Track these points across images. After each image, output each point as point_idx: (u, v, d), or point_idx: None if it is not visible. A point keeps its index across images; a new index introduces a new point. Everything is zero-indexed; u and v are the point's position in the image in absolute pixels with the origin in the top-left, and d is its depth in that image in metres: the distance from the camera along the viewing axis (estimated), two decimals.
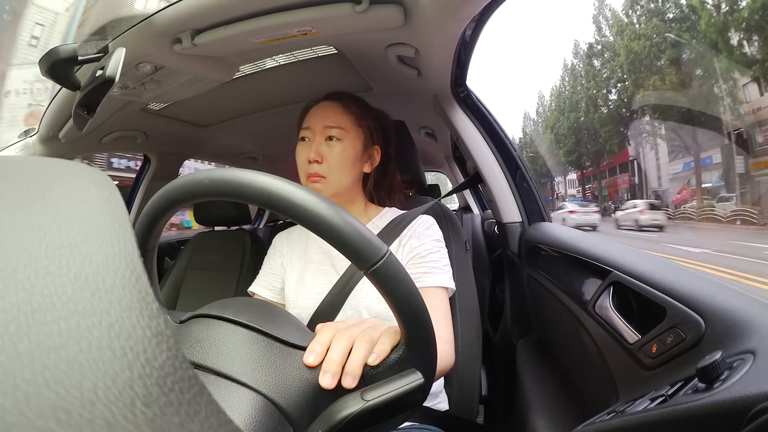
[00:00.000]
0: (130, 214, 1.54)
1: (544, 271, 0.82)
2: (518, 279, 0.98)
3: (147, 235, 0.38)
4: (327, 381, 0.35)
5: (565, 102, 28.35)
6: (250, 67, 0.97)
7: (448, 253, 0.75)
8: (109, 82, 0.62)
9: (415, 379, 0.34)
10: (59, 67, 0.66)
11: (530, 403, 0.70)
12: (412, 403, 0.35)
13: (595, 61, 25.19)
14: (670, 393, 0.35)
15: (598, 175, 26.91)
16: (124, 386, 0.11)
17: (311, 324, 0.67)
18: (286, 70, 1.00)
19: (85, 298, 0.12)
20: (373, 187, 0.81)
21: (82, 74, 0.68)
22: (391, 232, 0.73)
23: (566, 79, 29.43)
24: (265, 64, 0.96)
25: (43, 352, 0.11)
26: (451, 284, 0.71)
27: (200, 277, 1.37)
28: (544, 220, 0.98)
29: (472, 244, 1.87)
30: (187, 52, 0.74)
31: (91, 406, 0.11)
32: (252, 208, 2.14)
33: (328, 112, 0.74)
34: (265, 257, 0.82)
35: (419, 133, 1.66)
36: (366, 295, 0.67)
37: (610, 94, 23.80)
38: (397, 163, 0.84)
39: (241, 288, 1.29)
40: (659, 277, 0.47)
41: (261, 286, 0.78)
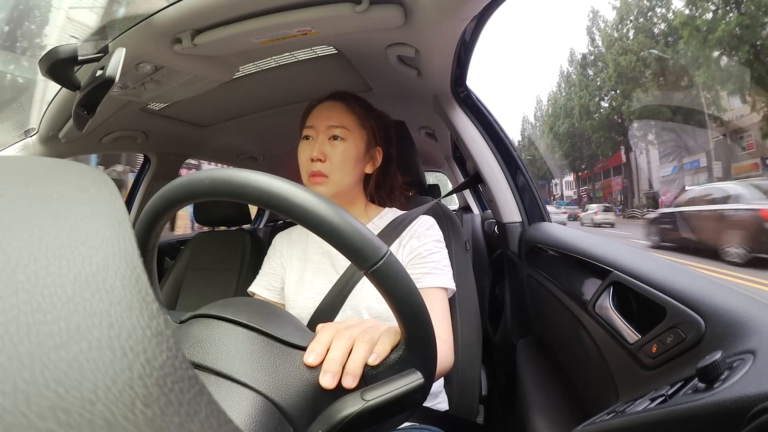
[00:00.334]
0: (130, 214, 1.54)
1: (544, 271, 0.82)
2: (518, 279, 0.98)
3: (147, 235, 0.38)
4: (327, 381, 0.35)
5: (561, 108, 29.59)
6: (250, 67, 0.97)
7: (448, 253, 0.75)
8: (109, 82, 0.62)
9: (415, 379, 0.34)
10: (59, 67, 0.66)
11: (530, 403, 0.70)
12: (412, 403, 0.35)
13: (589, 71, 26.48)
14: (670, 393, 0.34)
15: (593, 178, 28.37)
16: (124, 386, 0.11)
17: (311, 324, 0.67)
18: (286, 70, 1.00)
19: (85, 299, 0.12)
20: (374, 188, 0.81)
21: (82, 74, 0.68)
22: (392, 232, 0.73)
23: (562, 86, 30.82)
24: (265, 64, 0.96)
25: (43, 352, 0.11)
26: (452, 285, 0.71)
27: (200, 277, 1.37)
28: (544, 220, 0.98)
29: (472, 244, 1.87)
30: (187, 52, 0.74)
31: (91, 406, 0.11)
32: (252, 208, 2.14)
33: (332, 112, 0.74)
34: (265, 257, 0.82)
35: (419, 133, 1.65)
36: (366, 296, 0.67)
37: (603, 101, 25.07)
38: (397, 164, 0.84)
39: (241, 288, 1.29)
40: (659, 277, 0.47)
41: (261, 286, 0.78)
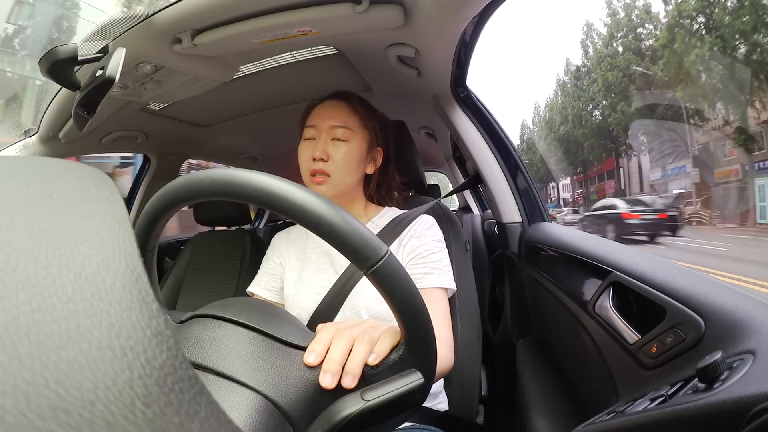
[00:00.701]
0: (130, 214, 1.54)
1: (544, 271, 0.82)
2: (518, 279, 0.98)
3: (147, 235, 0.38)
4: (327, 381, 0.35)
5: (557, 115, 31.35)
6: (250, 67, 0.97)
7: (449, 253, 0.75)
8: (109, 82, 0.62)
9: (415, 379, 0.34)
10: (59, 67, 0.66)
11: (530, 403, 0.70)
12: (412, 403, 0.35)
13: (582, 82, 28.18)
14: (670, 393, 0.34)
15: (588, 181, 30.27)
16: (124, 386, 0.11)
17: (311, 324, 0.67)
18: (286, 70, 1.00)
19: (85, 299, 0.12)
20: (374, 188, 0.81)
21: (82, 74, 0.68)
22: (391, 232, 0.73)
23: (558, 94, 32.57)
24: (265, 64, 0.96)
25: (43, 352, 0.11)
26: (452, 285, 0.71)
27: (200, 277, 1.37)
28: (544, 221, 0.98)
29: (472, 244, 1.87)
30: (187, 52, 0.74)
31: (91, 406, 0.11)
32: (252, 208, 2.14)
33: (335, 112, 0.73)
34: (264, 257, 0.82)
35: (419, 133, 1.65)
36: (365, 296, 0.67)
37: (596, 110, 26.79)
38: (396, 164, 0.85)
39: (241, 288, 1.29)
40: (659, 277, 0.47)
41: (260, 286, 0.78)
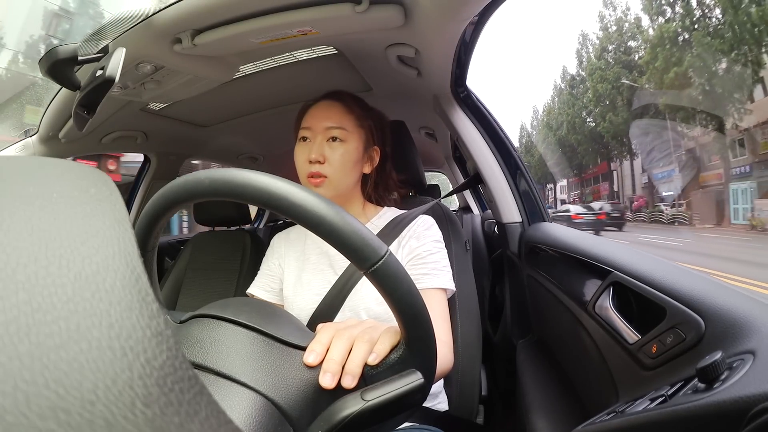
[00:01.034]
0: (130, 214, 1.54)
1: (544, 271, 0.82)
2: (518, 279, 0.98)
3: (147, 235, 0.37)
4: (327, 381, 0.35)
5: (554, 120, 33.23)
6: (250, 67, 0.97)
7: (448, 253, 0.75)
8: (109, 82, 0.62)
9: (414, 379, 0.34)
10: (59, 67, 0.66)
11: (530, 403, 0.70)
12: (412, 403, 0.35)
13: (577, 91, 29.95)
14: (670, 393, 0.34)
15: (584, 183, 31.98)
16: (124, 386, 0.11)
17: (310, 325, 0.67)
18: (286, 70, 1.00)
19: (85, 299, 0.12)
20: (371, 188, 0.81)
21: (82, 74, 0.68)
22: (391, 232, 0.73)
23: (555, 100, 34.60)
24: (265, 64, 0.96)
25: (43, 352, 0.11)
26: (451, 285, 0.71)
27: (200, 277, 1.37)
28: (544, 221, 0.97)
29: (472, 244, 1.87)
30: (187, 52, 0.74)
31: (91, 406, 0.11)
32: (252, 208, 2.14)
33: (330, 112, 0.73)
34: (264, 258, 0.82)
35: (419, 133, 1.65)
36: (365, 297, 0.67)
37: (589, 117, 28.40)
38: (393, 162, 0.84)
39: (241, 288, 1.29)
40: (659, 277, 0.47)
41: (259, 288, 0.77)
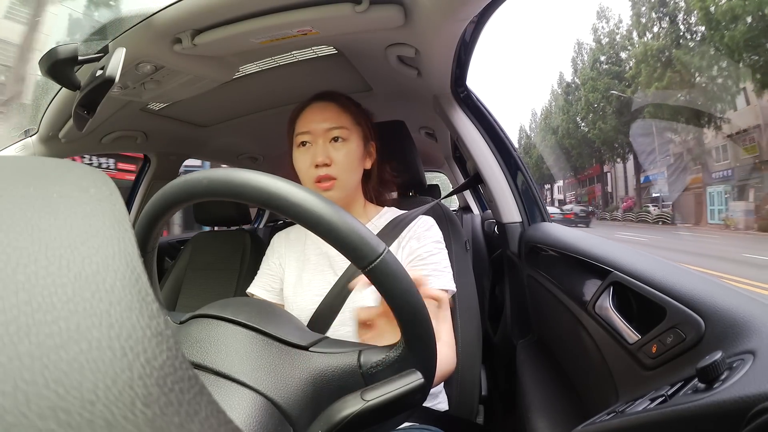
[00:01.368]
0: (130, 214, 1.54)
1: (544, 271, 0.82)
2: (518, 279, 0.98)
3: (147, 235, 0.38)
4: None
5: (550, 124, 34.92)
6: (250, 67, 0.97)
7: (448, 253, 0.75)
8: (109, 82, 0.62)
9: (414, 379, 0.34)
10: (59, 67, 0.65)
11: (530, 403, 0.70)
12: (412, 403, 0.35)
13: (572, 97, 31.41)
14: (670, 393, 0.34)
15: (579, 184, 33.75)
16: (124, 386, 0.11)
17: (310, 325, 0.67)
18: (286, 70, 1.00)
19: (85, 299, 0.12)
20: (371, 183, 0.81)
21: (82, 74, 0.68)
22: (391, 232, 0.73)
23: (552, 104, 36.18)
24: (265, 64, 0.96)
25: (43, 352, 0.11)
26: (452, 286, 0.70)
27: (200, 277, 1.37)
28: (544, 221, 0.98)
29: (472, 244, 1.87)
30: (187, 52, 0.74)
31: (91, 406, 0.11)
32: (252, 208, 2.14)
33: (327, 113, 0.72)
34: (263, 258, 0.82)
35: (419, 133, 1.66)
36: (365, 297, 0.67)
37: (581, 124, 29.71)
38: (395, 163, 0.84)
39: (241, 288, 1.29)
40: (659, 277, 0.47)
41: (259, 287, 0.77)
